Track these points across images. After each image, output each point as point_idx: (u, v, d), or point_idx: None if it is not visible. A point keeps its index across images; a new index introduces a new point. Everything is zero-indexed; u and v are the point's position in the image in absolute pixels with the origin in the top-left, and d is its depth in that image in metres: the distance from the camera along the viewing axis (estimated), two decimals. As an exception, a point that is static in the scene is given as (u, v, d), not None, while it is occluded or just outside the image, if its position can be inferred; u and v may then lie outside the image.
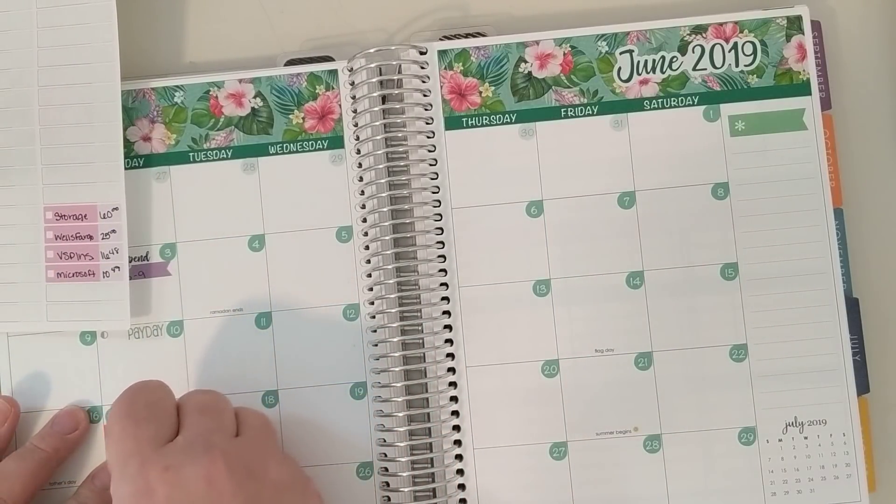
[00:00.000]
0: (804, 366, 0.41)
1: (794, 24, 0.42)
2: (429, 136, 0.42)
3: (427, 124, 0.42)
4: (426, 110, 0.42)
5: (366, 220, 0.42)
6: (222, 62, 0.45)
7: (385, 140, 0.42)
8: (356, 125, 0.42)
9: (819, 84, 0.42)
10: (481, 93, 0.42)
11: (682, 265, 0.42)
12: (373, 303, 0.42)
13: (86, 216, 0.42)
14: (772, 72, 0.42)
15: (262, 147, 0.43)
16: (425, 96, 0.42)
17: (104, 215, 0.42)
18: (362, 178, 0.42)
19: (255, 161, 0.43)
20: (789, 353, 0.41)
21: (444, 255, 0.42)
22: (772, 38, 0.42)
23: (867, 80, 0.44)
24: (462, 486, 0.41)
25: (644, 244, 0.42)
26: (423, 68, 0.42)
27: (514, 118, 0.42)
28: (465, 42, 0.43)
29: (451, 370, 0.41)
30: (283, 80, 0.43)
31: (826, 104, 0.43)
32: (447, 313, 0.42)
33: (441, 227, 0.42)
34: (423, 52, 0.42)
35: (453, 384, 0.41)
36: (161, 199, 0.43)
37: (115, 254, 0.42)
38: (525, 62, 0.42)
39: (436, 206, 0.42)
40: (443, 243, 0.42)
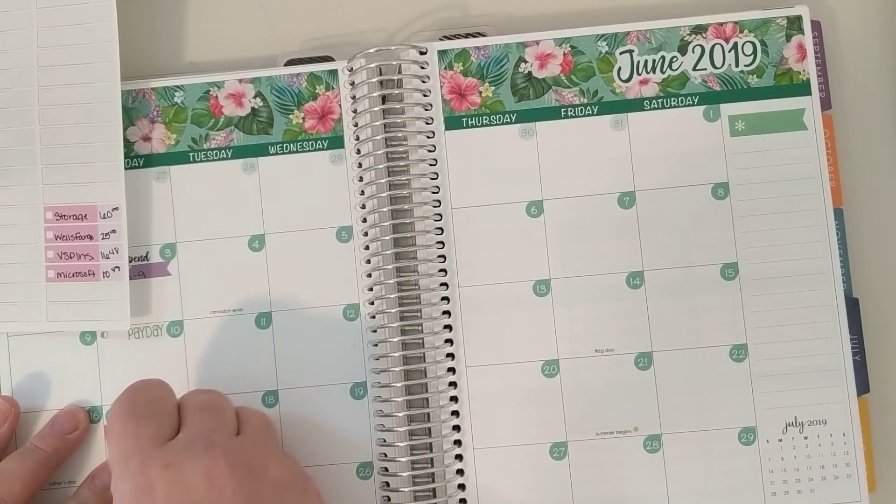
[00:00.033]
0: (804, 366, 0.41)
1: (794, 24, 0.42)
2: (429, 136, 0.42)
3: (427, 124, 0.42)
4: (426, 110, 0.42)
5: (366, 220, 0.42)
6: (222, 62, 0.45)
7: (385, 140, 0.42)
8: (356, 125, 0.42)
9: (819, 84, 0.42)
10: (481, 93, 0.42)
11: (682, 265, 0.42)
12: (373, 303, 0.42)
13: (86, 216, 0.42)
14: (772, 72, 0.42)
15: (262, 147, 0.43)
16: (425, 96, 0.42)
17: (104, 215, 0.42)
18: (362, 178, 0.42)
19: (255, 161, 0.43)
20: (789, 353, 0.41)
21: (444, 255, 0.42)
22: (772, 38, 0.42)
23: (867, 80, 0.44)
24: (462, 486, 0.41)
25: (644, 244, 0.42)
26: (423, 68, 0.42)
27: (514, 118, 0.42)
28: (465, 42, 0.43)
29: (451, 370, 0.41)
30: (283, 80, 0.43)
31: (826, 104, 0.43)
32: (447, 313, 0.42)
33: (441, 227, 0.42)
34: (423, 52, 0.42)
35: (453, 384, 0.41)
36: (161, 199, 0.43)
37: (115, 254, 0.42)
38: (525, 62, 0.42)
39: (436, 206, 0.42)
40: (443, 243, 0.42)
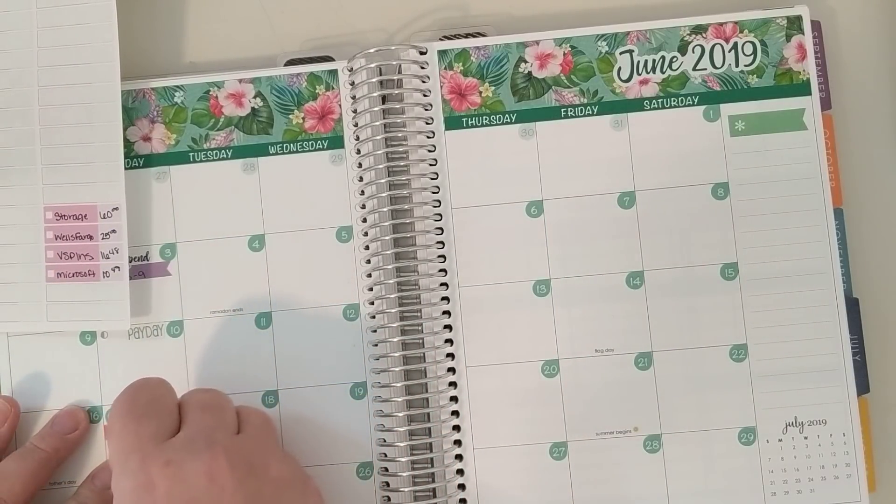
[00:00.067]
0: (804, 366, 0.41)
1: (794, 24, 0.42)
2: (429, 136, 0.42)
3: (427, 124, 0.42)
4: (426, 110, 0.42)
5: (366, 220, 0.42)
6: (222, 62, 0.45)
7: (385, 140, 0.42)
8: (356, 125, 0.42)
9: (819, 84, 0.42)
10: (481, 93, 0.42)
11: (682, 265, 0.42)
12: (373, 303, 0.42)
13: (86, 216, 0.42)
14: (772, 72, 0.42)
15: (262, 147, 0.43)
16: (425, 96, 0.42)
17: (104, 215, 0.42)
18: (362, 178, 0.42)
19: (255, 161, 0.43)
20: (789, 353, 0.41)
21: (444, 255, 0.42)
22: (772, 38, 0.42)
23: (867, 80, 0.44)
24: (462, 486, 0.41)
25: (644, 244, 0.42)
26: (423, 68, 0.42)
27: (514, 118, 0.42)
28: (465, 42, 0.43)
29: (451, 370, 0.41)
30: (283, 80, 0.43)
31: (826, 104, 0.43)
32: (447, 313, 0.42)
33: (441, 227, 0.42)
34: (423, 52, 0.42)
35: (453, 384, 0.41)
36: (161, 199, 0.43)
37: (115, 254, 0.42)
38: (525, 62, 0.42)
39: (436, 206, 0.42)
40: (443, 243, 0.42)
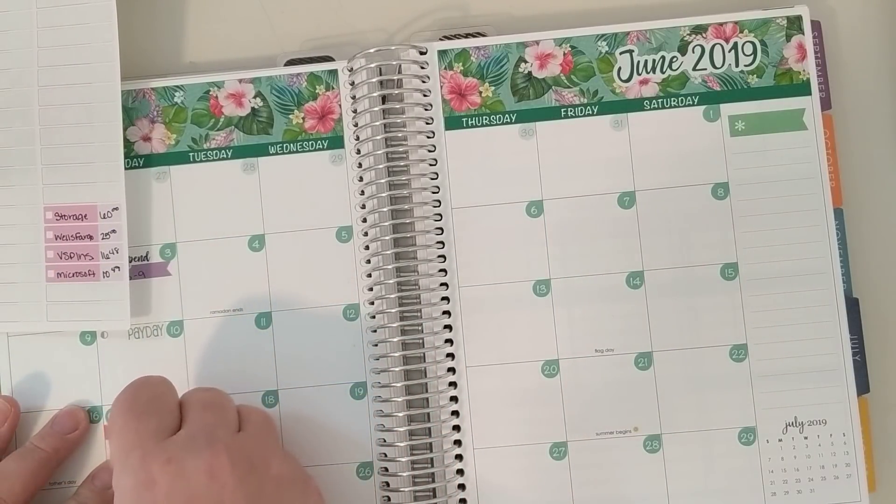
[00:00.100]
0: (804, 366, 0.41)
1: (794, 24, 0.42)
2: (429, 136, 0.42)
3: (427, 124, 0.42)
4: (426, 110, 0.42)
5: (366, 220, 0.42)
6: (222, 62, 0.45)
7: (385, 140, 0.42)
8: (356, 125, 0.42)
9: (819, 84, 0.42)
10: (481, 93, 0.42)
11: (682, 265, 0.42)
12: (373, 303, 0.42)
13: (86, 216, 0.42)
14: (772, 72, 0.42)
15: (262, 147, 0.43)
16: (425, 96, 0.42)
17: (104, 215, 0.42)
18: (362, 178, 0.42)
19: (255, 161, 0.43)
20: (789, 353, 0.41)
21: (444, 255, 0.42)
22: (772, 38, 0.42)
23: (867, 80, 0.44)
24: (462, 486, 0.41)
25: (644, 244, 0.42)
26: (423, 68, 0.42)
27: (514, 118, 0.42)
28: (465, 42, 0.43)
29: (451, 370, 0.41)
30: (283, 80, 0.43)
31: (826, 104, 0.43)
32: (447, 313, 0.42)
33: (441, 227, 0.42)
34: (423, 52, 0.42)
35: (453, 384, 0.41)
36: (161, 199, 0.43)
37: (115, 254, 0.42)
38: (525, 62, 0.42)
39: (436, 206, 0.42)
40: (443, 243, 0.42)
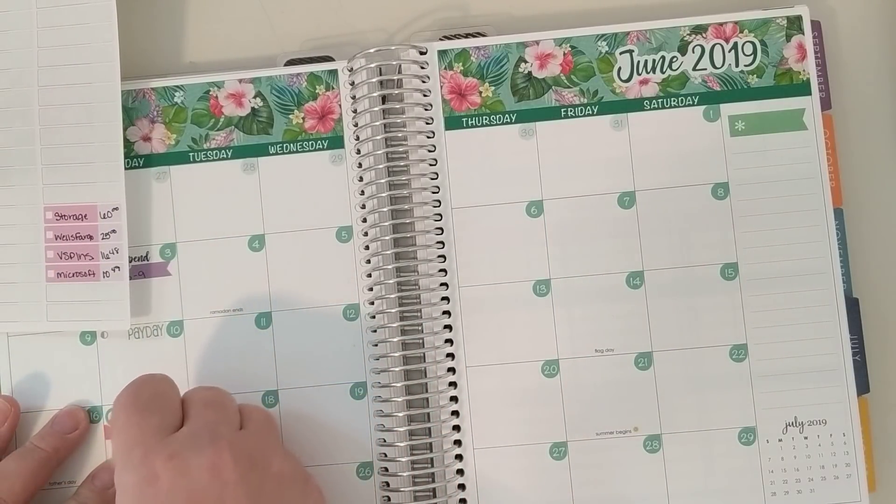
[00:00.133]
0: (804, 366, 0.41)
1: (794, 24, 0.42)
2: (429, 136, 0.42)
3: (427, 124, 0.42)
4: (426, 110, 0.42)
5: (366, 220, 0.42)
6: (222, 62, 0.45)
7: (385, 140, 0.42)
8: (356, 125, 0.42)
9: (819, 84, 0.42)
10: (481, 93, 0.42)
11: (682, 265, 0.42)
12: (373, 303, 0.42)
13: (86, 216, 0.42)
14: (772, 72, 0.42)
15: (262, 147, 0.43)
16: (425, 96, 0.42)
17: (104, 215, 0.42)
18: (362, 178, 0.42)
19: (255, 161, 0.43)
20: (789, 353, 0.41)
21: (444, 255, 0.42)
22: (772, 38, 0.42)
23: (867, 80, 0.44)
24: (462, 486, 0.41)
25: (644, 244, 0.42)
26: (423, 68, 0.42)
27: (514, 118, 0.42)
28: (465, 42, 0.43)
29: (451, 370, 0.41)
30: (283, 80, 0.43)
31: (826, 104, 0.43)
32: (447, 313, 0.42)
33: (441, 227, 0.42)
34: (423, 52, 0.42)
35: (453, 384, 0.41)
36: (161, 199, 0.43)
37: (115, 254, 0.42)
38: (525, 62, 0.42)
39: (436, 206, 0.42)
40: (443, 243, 0.42)
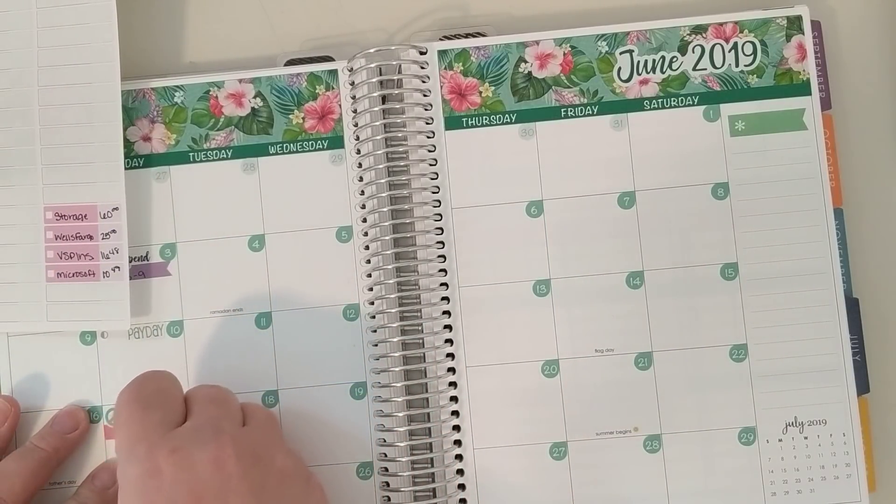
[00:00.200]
0: (804, 366, 0.41)
1: (794, 24, 0.42)
2: (429, 136, 0.42)
3: (427, 124, 0.42)
4: (426, 110, 0.42)
5: (366, 220, 0.42)
6: (222, 62, 0.45)
7: (385, 140, 0.42)
8: (356, 125, 0.42)
9: (819, 84, 0.42)
10: (481, 93, 0.42)
11: (682, 265, 0.42)
12: (373, 303, 0.42)
13: (86, 216, 0.42)
14: (772, 72, 0.42)
15: (262, 147, 0.43)
16: (425, 96, 0.42)
17: (104, 215, 0.42)
18: (362, 178, 0.42)
19: (255, 161, 0.43)
20: (789, 353, 0.41)
21: (444, 255, 0.42)
22: (772, 38, 0.42)
23: (867, 80, 0.44)
24: (462, 486, 0.41)
25: (644, 244, 0.42)
26: (423, 68, 0.42)
27: (514, 118, 0.42)
28: (465, 42, 0.43)
29: (451, 370, 0.41)
30: (283, 80, 0.43)
31: (826, 104, 0.43)
32: (447, 313, 0.42)
33: (441, 227, 0.42)
34: (423, 52, 0.42)
35: (453, 384, 0.41)
36: (161, 199, 0.43)
37: (115, 254, 0.42)
38: (525, 62, 0.42)
39: (436, 206, 0.42)
40: (443, 243, 0.42)
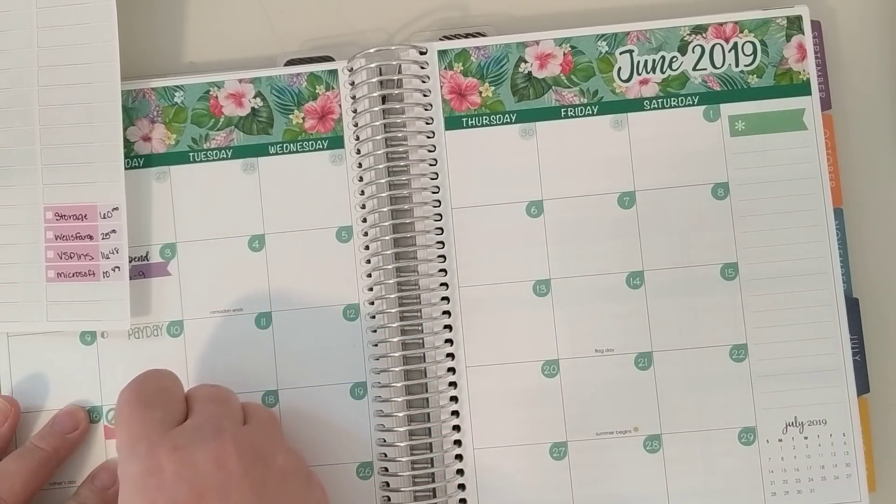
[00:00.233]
0: (804, 366, 0.41)
1: (794, 24, 0.42)
2: (429, 136, 0.42)
3: (427, 124, 0.42)
4: (426, 110, 0.42)
5: (366, 220, 0.42)
6: (222, 62, 0.45)
7: (385, 140, 0.42)
8: (356, 125, 0.42)
9: (819, 84, 0.42)
10: (481, 93, 0.42)
11: (682, 265, 0.42)
12: (373, 303, 0.42)
13: (86, 216, 0.42)
14: (772, 72, 0.42)
15: (262, 147, 0.43)
16: (425, 96, 0.42)
17: (104, 215, 0.42)
18: (362, 178, 0.42)
19: (255, 161, 0.43)
20: (789, 353, 0.41)
21: (444, 255, 0.42)
22: (772, 38, 0.42)
23: (867, 80, 0.44)
24: (462, 486, 0.41)
25: (644, 244, 0.42)
26: (423, 68, 0.42)
27: (514, 118, 0.42)
28: (465, 42, 0.43)
29: (451, 370, 0.41)
30: (283, 80, 0.43)
31: (826, 104, 0.43)
32: (447, 313, 0.42)
33: (441, 227, 0.42)
34: (423, 52, 0.42)
35: (453, 384, 0.41)
36: (161, 199, 0.43)
37: (115, 254, 0.42)
38: (525, 62, 0.42)
39: (436, 206, 0.42)
40: (443, 243, 0.42)
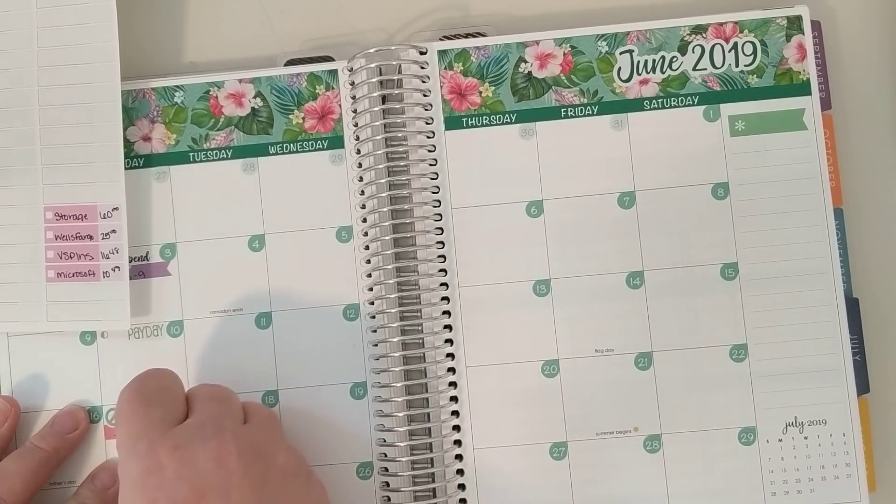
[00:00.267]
0: (804, 366, 0.41)
1: (794, 24, 0.42)
2: (429, 136, 0.42)
3: (427, 124, 0.42)
4: (426, 110, 0.42)
5: (366, 220, 0.42)
6: (222, 62, 0.45)
7: (385, 140, 0.42)
8: (356, 125, 0.42)
9: (819, 84, 0.42)
10: (481, 93, 0.42)
11: (682, 265, 0.42)
12: (373, 303, 0.42)
13: (86, 216, 0.42)
14: (772, 72, 0.42)
15: (262, 147, 0.43)
16: (425, 96, 0.42)
17: (104, 215, 0.42)
18: (362, 178, 0.42)
19: (255, 161, 0.43)
20: (789, 353, 0.41)
21: (444, 255, 0.42)
22: (772, 38, 0.42)
23: (867, 80, 0.44)
24: (462, 486, 0.41)
25: (644, 244, 0.42)
26: (423, 68, 0.42)
27: (514, 118, 0.42)
28: (465, 42, 0.43)
29: (451, 370, 0.41)
30: (283, 80, 0.43)
31: (826, 104, 0.43)
32: (447, 313, 0.42)
33: (441, 227, 0.42)
34: (423, 52, 0.42)
35: (453, 384, 0.41)
36: (161, 199, 0.43)
37: (115, 254, 0.42)
38: (525, 62, 0.42)
39: (436, 206, 0.42)
40: (443, 243, 0.42)
